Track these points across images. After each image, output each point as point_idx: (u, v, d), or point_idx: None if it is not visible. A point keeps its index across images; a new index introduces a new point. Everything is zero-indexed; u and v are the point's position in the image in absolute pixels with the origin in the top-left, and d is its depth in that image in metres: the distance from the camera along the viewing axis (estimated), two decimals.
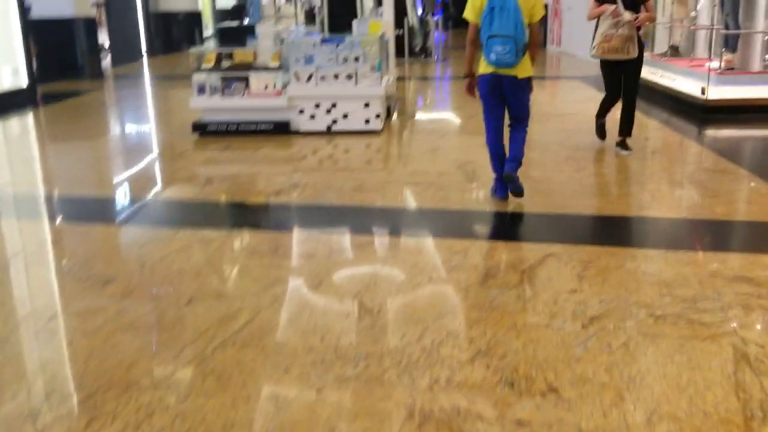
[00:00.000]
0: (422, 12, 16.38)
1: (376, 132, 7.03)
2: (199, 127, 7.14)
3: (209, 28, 20.98)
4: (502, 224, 4.47)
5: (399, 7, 12.09)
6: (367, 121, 7.01)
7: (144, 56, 17.43)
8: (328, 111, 7.01)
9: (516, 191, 4.48)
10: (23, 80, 9.98)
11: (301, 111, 7.02)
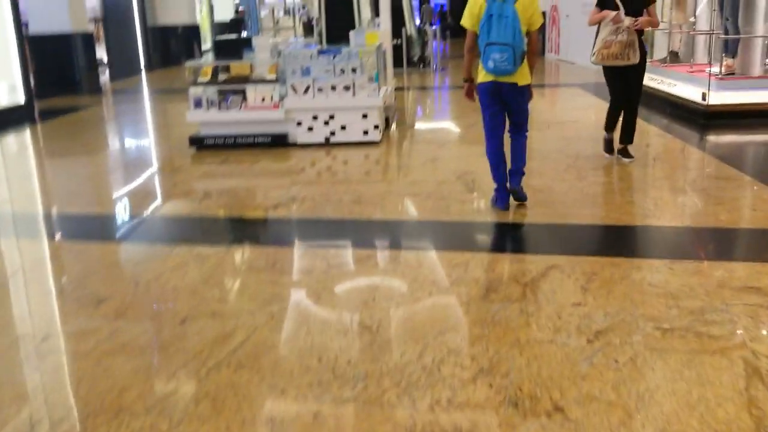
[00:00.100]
0: (420, 22, 16.40)
1: (375, 143, 6.97)
2: (196, 141, 7.08)
3: (208, 42, 20.97)
4: (503, 235, 4.40)
5: (397, 17, 12.08)
6: (366, 132, 6.95)
7: (142, 70, 17.42)
8: (326, 123, 6.95)
9: (519, 197, 4.58)
10: (20, 96, 9.96)
11: (299, 123, 6.96)
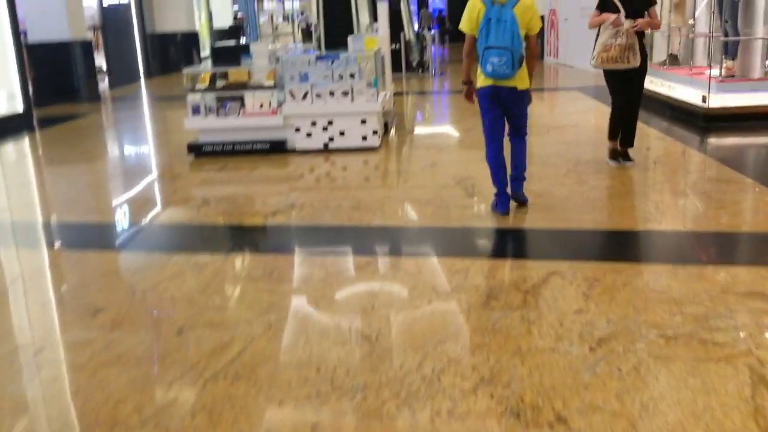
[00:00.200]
0: (419, 27, 16.40)
1: (374, 148, 6.93)
2: (195, 149, 7.04)
3: (206, 49, 20.96)
4: (504, 241, 4.36)
5: (395, 22, 12.07)
6: (365, 138, 6.92)
7: (141, 78, 17.41)
8: (325, 128, 6.91)
9: (520, 201, 4.62)
10: (19, 105, 9.94)
11: (297, 129, 6.93)
